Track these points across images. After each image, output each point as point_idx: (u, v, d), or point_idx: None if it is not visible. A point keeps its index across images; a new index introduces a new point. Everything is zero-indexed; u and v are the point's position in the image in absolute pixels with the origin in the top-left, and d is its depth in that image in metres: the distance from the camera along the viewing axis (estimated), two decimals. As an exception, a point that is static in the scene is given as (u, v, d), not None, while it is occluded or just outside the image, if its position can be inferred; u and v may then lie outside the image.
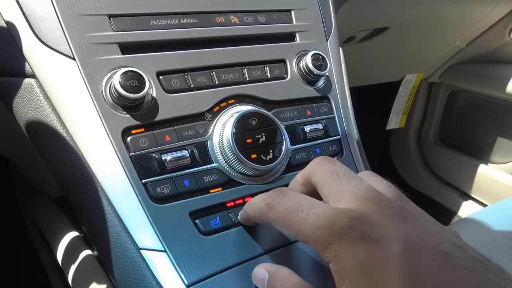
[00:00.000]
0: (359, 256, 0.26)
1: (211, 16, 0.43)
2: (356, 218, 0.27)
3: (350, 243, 0.27)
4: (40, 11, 0.36)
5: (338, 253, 0.27)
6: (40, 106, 0.37)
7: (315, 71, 0.45)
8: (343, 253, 0.27)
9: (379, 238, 0.26)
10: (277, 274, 0.32)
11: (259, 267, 0.34)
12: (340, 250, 0.27)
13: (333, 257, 0.27)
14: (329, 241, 0.27)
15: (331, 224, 0.27)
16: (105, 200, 0.36)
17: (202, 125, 0.40)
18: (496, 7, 0.94)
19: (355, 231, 0.27)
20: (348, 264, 0.26)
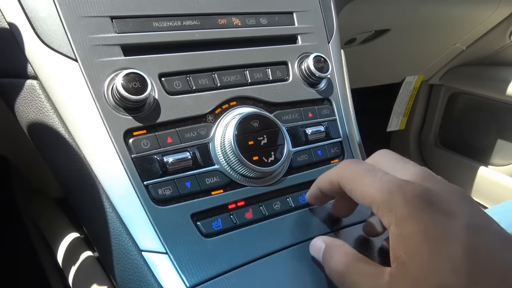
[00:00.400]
0: (425, 222, 0.27)
1: (213, 18, 0.43)
2: (426, 188, 0.28)
3: (417, 209, 0.27)
4: (42, 13, 0.36)
5: (404, 217, 0.27)
6: (42, 107, 0.37)
7: (317, 73, 0.45)
8: (408, 216, 0.27)
9: (447, 209, 0.27)
10: (333, 244, 0.34)
11: (317, 238, 0.36)
12: (406, 214, 0.27)
13: (396, 219, 0.28)
14: (396, 204, 0.28)
15: (402, 189, 0.28)
16: (107, 202, 0.36)
17: (204, 127, 0.40)
18: (497, 9, 0.94)
19: (424, 199, 0.28)
20: (413, 228, 0.27)
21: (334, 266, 0.32)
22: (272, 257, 0.37)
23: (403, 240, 0.27)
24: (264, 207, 0.40)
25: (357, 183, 0.31)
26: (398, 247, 0.27)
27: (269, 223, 0.39)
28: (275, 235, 0.38)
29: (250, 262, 0.36)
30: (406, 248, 0.27)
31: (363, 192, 0.31)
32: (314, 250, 0.35)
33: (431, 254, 0.26)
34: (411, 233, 0.27)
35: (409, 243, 0.27)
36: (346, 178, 0.33)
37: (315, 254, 0.35)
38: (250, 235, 0.38)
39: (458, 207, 0.28)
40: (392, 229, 0.28)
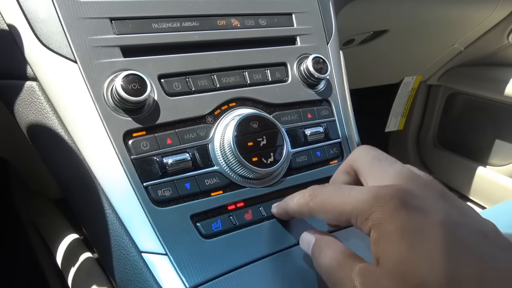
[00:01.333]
0: (400, 221, 0.27)
1: (212, 19, 0.43)
2: (399, 189, 0.29)
3: (392, 209, 0.28)
4: (41, 14, 0.36)
5: (379, 220, 0.28)
6: (41, 109, 0.37)
7: (316, 74, 0.45)
8: (384, 219, 0.28)
9: (421, 208, 0.28)
10: (322, 239, 0.34)
11: (308, 232, 0.35)
12: (381, 217, 0.28)
13: (374, 224, 0.28)
14: (371, 210, 0.28)
15: (373, 194, 0.29)
16: (107, 203, 0.36)
17: (203, 128, 0.40)
18: (495, 10, 0.95)
19: (397, 199, 0.28)
20: (388, 228, 0.27)
21: (322, 261, 0.32)
22: (272, 258, 0.37)
23: (381, 241, 0.28)
24: (264, 208, 0.40)
25: (327, 208, 0.31)
26: (377, 249, 0.28)
27: (269, 224, 0.39)
28: (274, 236, 0.38)
29: (249, 263, 0.36)
30: (384, 249, 0.27)
31: (336, 213, 0.31)
32: (304, 243, 0.35)
33: (408, 252, 0.26)
34: (388, 233, 0.27)
35: (386, 244, 0.27)
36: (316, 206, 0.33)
37: (305, 248, 0.35)
38: (250, 236, 0.38)
39: (432, 204, 0.28)
40: (371, 234, 0.28)
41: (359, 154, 0.35)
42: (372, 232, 0.28)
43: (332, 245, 0.32)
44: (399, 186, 0.29)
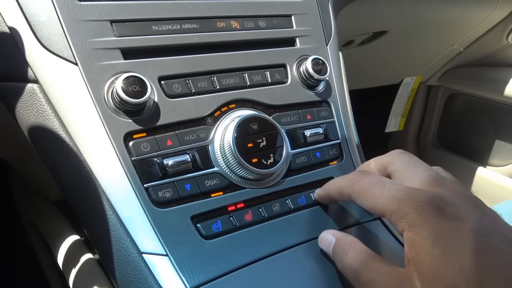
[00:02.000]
0: (435, 227, 0.29)
1: (212, 21, 0.43)
2: (435, 195, 0.30)
3: (427, 215, 0.29)
4: (42, 17, 0.36)
5: (415, 222, 0.29)
6: (42, 111, 0.37)
7: (315, 75, 0.46)
8: (419, 223, 0.29)
9: (455, 215, 0.29)
10: (345, 239, 0.35)
11: (326, 232, 0.37)
12: (417, 220, 0.29)
13: (409, 225, 0.29)
14: (407, 211, 0.30)
15: (411, 197, 0.30)
16: (107, 205, 0.36)
17: (203, 130, 0.40)
18: (494, 10, 0.95)
19: (433, 205, 0.29)
20: (423, 233, 0.29)
21: (349, 262, 0.33)
22: (272, 259, 0.37)
23: (415, 244, 0.29)
24: (264, 209, 0.40)
25: (367, 197, 0.33)
26: (411, 250, 0.29)
27: (269, 225, 0.39)
28: (274, 237, 0.39)
29: (249, 264, 0.36)
30: (418, 251, 0.29)
31: (374, 204, 0.32)
32: (324, 243, 0.37)
33: (441, 257, 0.28)
34: (423, 237, 0.29)
35: (421, 247, 0.29)
36: (356, 192, 0.34)
37: (325, 247, 0.37)
38: (250, 237, 0.38)
39: (466, 212, 0.29)
40: (405, 234, 0.30)
41: (396, 158, 0.36)
42: (406, 232, 0.30)
43: (357, 247, 0.34)
44: (436, 193, 0.30)
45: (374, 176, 0.34)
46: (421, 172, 0.34)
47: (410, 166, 0.35)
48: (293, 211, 0.41)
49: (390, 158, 0.37)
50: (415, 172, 0.34)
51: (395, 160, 0.36)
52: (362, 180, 0.34)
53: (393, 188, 0.32)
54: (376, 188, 0.32)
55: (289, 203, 0.41)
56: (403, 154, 0.36)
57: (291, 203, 0.41)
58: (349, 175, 0.36)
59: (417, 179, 0.33)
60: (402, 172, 0.35)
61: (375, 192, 0.32)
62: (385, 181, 0.33)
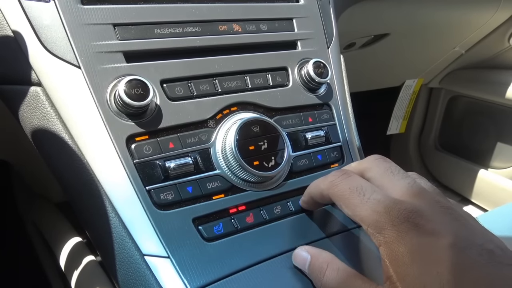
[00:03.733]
0: (411, 243, 0.28)
1: (214, 24, 0.44)
2: (412, 210, 0.29)
3: (404, 231, 0.29)
4: (46, 21, 0.37)
5: (391, 238, 0.29)
6: (45, 114, 0.37)
7: (317, 78, 0.46)
8: (396, 239, 0.29)
9: (431, 231, 0.29)
10: (320, 257, 0.35)
11: (300, 249, 0.37)
12: (393, 236, 0.29)
13: (385, 241, 0.29)
14: (384, 226, 0.30)
15: (389, 211, 0.30)
16: (110, 207, 0.36)
17: (205, 132, 0.40)
18: (496, 13, 0.95)
19: (410, 221, 0.29)
20: (400, 249, 0.29)
21: (327, 282, 0.33)
22: (273, 261, 0.37)
23: (393, 261, 0.29)
24: (265, 211, 0.40)
25: (346, 202, 0.33)
26: (389, 267, 0.29)
27: (270, 227, 0.40)
28: (275, 239, 0.39)
29: (251, 266, 0.36)
30: (396, 269, 0.29)
31: (352, 212, 0.32)
32: (299, 261, 0.36)
33: (419, 275, 0.28)
34: (400, 254, 0.29)
35: (399, 264, 0.29)
36: (335, 195, 0.34)
37: (300, 265, 0.36)
38: (251, 239, 0.38)
39: (443, 226, 0.29)
40: (381, 249, 0.30)
41: (373, 164, 0.36)
42: (382, 248, 0.30)
43: (335, 265, 0.33)
44: (413, 208, 0.30)
45: (354, 180, 0.34)
46: (398, 180, 0.33)
47: (386, 174, 0.34)
48: (294, 214, 0.41)
49: (368, 164, 0.36)
50: (392, 180, 0.33)
51: (372, 166, 0.35)
52: (342, 183, 0.34)
53: (372, 199, 0.31)
54: (355, 195, 0.32)
55: (290, 205, 0.42)
56: (380, 160, 0.36)
57: (292, 206, 0.42)
58: (329, 176, 0.36)
59: (394, 188, 0.33)
60: (379, 179, 0.34)
61: (354, 200, 0.32)
62: (364, 187, 0.32)
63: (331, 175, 0.35)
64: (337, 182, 0.34)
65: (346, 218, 0.43)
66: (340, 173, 0.35)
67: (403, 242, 0.29)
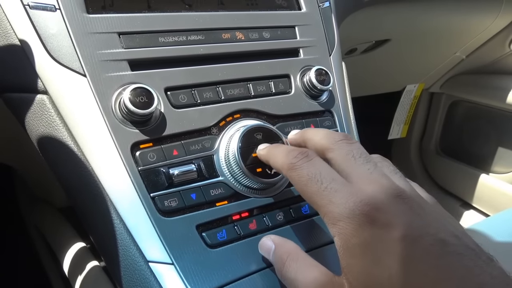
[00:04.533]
0: (363, 236, 0.29)
1: (217, 32, 0.44)
2: (368, 203, 0.29)
3: (357, 224, 0.29)
4: (52, 30, 0.37)
5: (345, 230, 0.29)
6: (51, 121, 0.38)
7: (319, 86, 0.46)
8: (349, 231, 0.29)
9: (384, 223, 0.29)
10: (284, 246, 0.35)
11: (266, 238, 0.37)
12: (347, 228, 0.29)
13: (339, 233, 0.30)
14: (339, 218, 0.30)
15: (344, 203, 0.30)
16: (114, 213, 0.37)
17: (208, 140, 0.41)
18: (496, 19, 0.96)
19: (365, 213, 0.29)
20: (352, 241, 0.29)
21: (286, 272, 0.33)
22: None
23: (345, 252, 0.29)
24: (268, 218, 0.40)
25: (303, 189, 0.32)
26: (343, 259, 0.30)
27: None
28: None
29: (254, 273, 0.37)
30: (349, 260, 0.29)
31: (309, 199, 0.32)
32: (264, 249, 0.37)
33: (370, 266, 0.28)
34: (351, 246, 0.29)
35: (351, 256, 0.29)
36: (293, 180, 0.33)
37: (265, 254, 0.37)
38: (254, 246, 0.38)
39: (397, 218, 0.29)
40: (336, 240, 0.30)
41: (335, 146, 0.34)
42: (336, 239, 0.30)
43: (295, 255, 0.34)
44: (369, 199, 0.29)
45: (313, 164, 0.33)
46: (359, 166, 0.32)
47: (348, 158, 0.33)
48: (296, 220, 0.42)
49: (330, 144, 0.35)
50: (353, 165, 0.33)
51: (334, 148, 0.34)
52: (301, 168, 0.33)
53: (329, 188, 0.31)
54: (313, 183, 0.32)
55: (292, 212, 0.42)
56: (343, 143, 0.34)
57: (294, 212, 0.42)
58: (290, 153, 0.34)
59: (354, 174, 0.32)
60: (339, 163, 0.33)
61: (311, 188, 0.32)
62: (323, 174, 0.32)
63: (292, 155, 0.34)
64: (297, 166, 0.33)
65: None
66: (302, 155, 0.34)
67: (356, 235, 0.29)
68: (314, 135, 0.37)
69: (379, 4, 0.72)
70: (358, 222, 0.29)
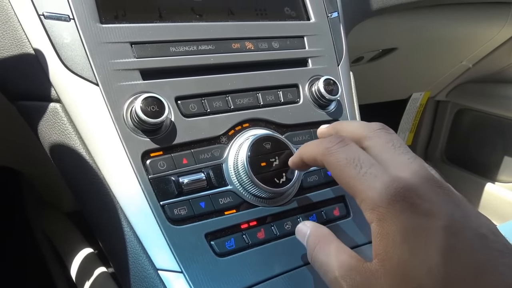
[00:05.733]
0: (405, 223, 0.28)
1: (227, 42, 0.45)
2: (409, 189, 0.29)
3: (398, 210, 0.28)
4: (66, 39, 0.38)
5: (385, 216, 0.28)
6: (64, 129, 0.38)
7: (327, 95, 0.47)
8: (389, 217, 0.28)
9: (426, 211, 0.28)
10: (317, 232, 0.35)
11: (303, 223, 0.37)
12: (387, 214, 0.28)
13: (378, 219, 0.29)
14: (379, 203, 0.29)
15: (385, 188, 0.29)
16: (125, 221, 0.37)
17: (217, 149, 0.41)
18: (503, 28, 0.96)
19: (406, 201, 0.28)
20: (393, 228, 0.28)
21: (316, 256, 0.33)
22: (284, 277, 0.38)
23: (383, 239, 0.28)
24: (276, 227, 0.41)
25: (341, 174, 0.32)
26: (379, 245, 0.29)
27: (281, 243, 0.40)
28: (286, 255, 0.39)
29: (262, 282, 0.37)
30: (385, 248, 0.28)
31: (346, 184, 0.31)
32: (300, 234, 0.37)
33: (409, 255, 0.27)
34: (391, 232, 0.28)
35: (389, 243, 0.28)
36: (330, 164, 0.32)
37: (300, 239, 0.36)
38: (262, 255, 0.39)
39: (438, 208, 0.28)
40: (373, 226, 0.29)
41: (373, 134, 0.34)
42: (374, 225, 0.29)
43: (328, 240, 0.33)
44: (411, 186, 0.29)
45: (351, 149, 0.32)
46: (399, 155, 0.32)
47: (387, 147, 0.32)
48: (304, 229, 0.42)
49: (367, 132, 0.34)
50: (392, 154, 0.32)
51: (372, 136, 0.33)
52: (338, 152, 0.32)
53: (368, 173, 0.30)
54: (352, 167, 0.31)
55: (300, 221, 0.42)
56: (382, 131, 0.34)
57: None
58: (324, 141, 0.34)
59: (394, 163, 0.31)
60: (378, 151, 0.32)
61: (349, 172, 0.31)
62: (362, 159, 0.31)
63: (327, 140, 0.33)
64: (333, 150, 0.32)
65: (358, 232, 0.43)
66: (337, 139, 0.33)
67: (396, 221, 0.28)
68: (348, 125, 0.36)
69: (386, 14, 0.72)
70: (400, 209, 0.28)
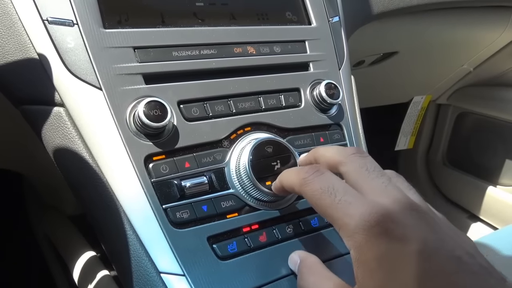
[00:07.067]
0: (379, 249, 0.28)
1: (229, 47, 0.45)
2: (384, 215, 0.29)
3: (373, 236, 0.29)
4: (70, 44, 0.38)
5: (361, 243, 0.29)
6: (67, 133, 0.39)
7: (328, 99, 0.47)
8: (365, 244, 0.29)
9: (400, 236, 0.29)
10: (306, 261, 0.37)
11: (294, 253, 0.39)
12: (362, 241, 0.29)
13: (355, 246, 0.29)
14: (355, 230, 0.29)
15: (360, 215, 0.30)
16: (127, 224, 0.37)
17: (219, 152, 0.41)
18: (503, 32, 0.96)
19: (380, 226, 0.29)
20: (368, 255, 0.29)
21: (303, 283, 0.35)
22: (286, 280, 0.38)
23: (360, 265, 0.29)
24: (277, 230, 0.41)
25: (317, 203, 0.32)
26: (357, 272, 0.30)
27: (282, 246, 0.40)
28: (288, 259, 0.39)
29: (264, 285, 0.37)
30: (363, 274, 0.29)
31: (324, 213, 0.32)
32: (292, 263, 0.38)
33: (385, 281, 0.28)
34: (367, 259, 0.29)
35: (366, 269, 0.29)
36: (306, 195, 0.33)
37: (292, 268, 0.38)
38: (264, 258, 0.39)
39: (412, 232, 0.29)
40: (352, 253, 0.30)
41: (348, 159, 0.35)
42: (352, 252, 0.30)
43: (314, 269, 0.35)
44: (385, 211, 0.29)
45: (325, 178, 0.33)
46: (373, 179, 0.32)
47: (362, 171, 0.33)
48: (306, 233, 0.42)
49: (342, 158, 0.35)
50: (366, 179, 0.32)
51: (347, 162, 0.34)
52: (313, 182, 0.33)
53: (343, 200, 0.31)
54: (327, 196, 0.31)
55: (302, 225, 0.42)
56: (356, 156, 0.34)
57: (303, 225, 0.42)
58: (301, 170, 0.35)
59: (368, 187, 0.32)
60: (353, 176, 0.33)
61: (325, 201, 0.31)
62: (336, 187, 0.32)
63: (304, 170, 0.34)
64: (309, 180, 0.33)
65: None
66: (313, 169, 0.34)
67: (372, 248, 0.29)
68: (326, 152, 0.37)
69: (387, 18, 0.73)
70: (374, 234, 0.29)
